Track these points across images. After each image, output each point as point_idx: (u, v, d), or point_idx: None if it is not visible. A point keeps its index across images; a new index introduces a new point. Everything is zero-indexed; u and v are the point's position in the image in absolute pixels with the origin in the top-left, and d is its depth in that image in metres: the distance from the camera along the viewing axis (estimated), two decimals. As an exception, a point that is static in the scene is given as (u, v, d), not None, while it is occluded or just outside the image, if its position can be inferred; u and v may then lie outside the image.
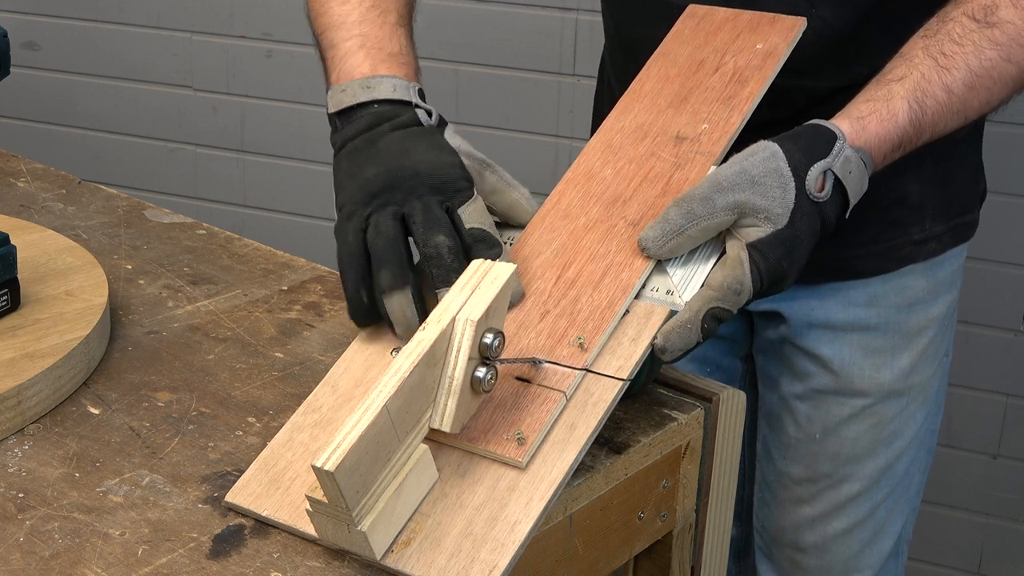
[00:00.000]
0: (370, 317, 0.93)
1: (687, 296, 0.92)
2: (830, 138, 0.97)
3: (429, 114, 1.01)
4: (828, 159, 0.96)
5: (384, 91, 1.01)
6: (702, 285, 0.92)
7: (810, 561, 1.44)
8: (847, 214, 1.00)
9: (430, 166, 0.94)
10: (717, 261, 0.94)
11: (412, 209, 0.92)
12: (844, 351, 1.33)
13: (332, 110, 1.02)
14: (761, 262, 0.92)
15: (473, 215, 0.94)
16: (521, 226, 1.00)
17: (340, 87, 1.02)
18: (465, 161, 0.97)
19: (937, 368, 1.39)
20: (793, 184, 0.94)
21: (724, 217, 0.92)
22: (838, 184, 0.96)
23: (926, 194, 1.30)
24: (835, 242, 1.26)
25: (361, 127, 1.00)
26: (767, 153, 0.95)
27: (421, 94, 1.03)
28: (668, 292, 0.93)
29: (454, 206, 0.93)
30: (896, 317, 1.33)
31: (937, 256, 1.33)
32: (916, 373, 1.35)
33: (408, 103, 1.01)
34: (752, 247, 0.92)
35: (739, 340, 1.44)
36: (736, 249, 0.92)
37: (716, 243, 0.95)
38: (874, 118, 1.01)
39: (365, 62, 1.04)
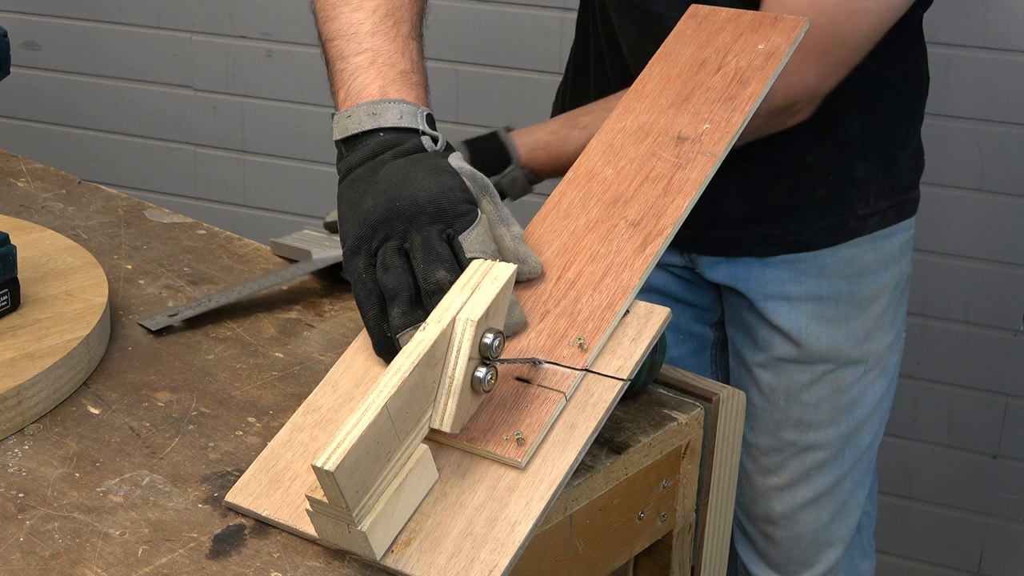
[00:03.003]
0: (395, 351, 0.91)
1: None
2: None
3: (435, 140, 0.98)
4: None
5: (390, 118, 0.98)
6: None
7: (780, 532, 1.49)
8: None
9: (429, 193, 0.92)
10: None
11: (412, 244, 0.91)
12: (800, 320, 1.41)
13: (337, 137, 0.99)
14: None
15: (475, 243, 0.92)
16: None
17: (346, 113, 0.99)
18: (467, 183, 0.95)
19: (894, 340, 1.47)
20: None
21: None
22: None
23: (870, 174, 1.39)
24: (789, 218, 1.39)
25: (365, 155, 0.97)
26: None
27: (430, 119, 1.00)
28: None
29: (455, 233, 0.92)
30: (847, 287, 1.41)
31: (882, 229, 1.42)
32: (871, 341, 1.44)
33: (415, 130, 0.98)
34: None
35: (708, 308, 1.52)
36: None
37: None
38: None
39: (375, 82, 1.00)
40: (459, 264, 0.90)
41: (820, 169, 1.38)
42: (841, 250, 1.40)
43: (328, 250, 1.15)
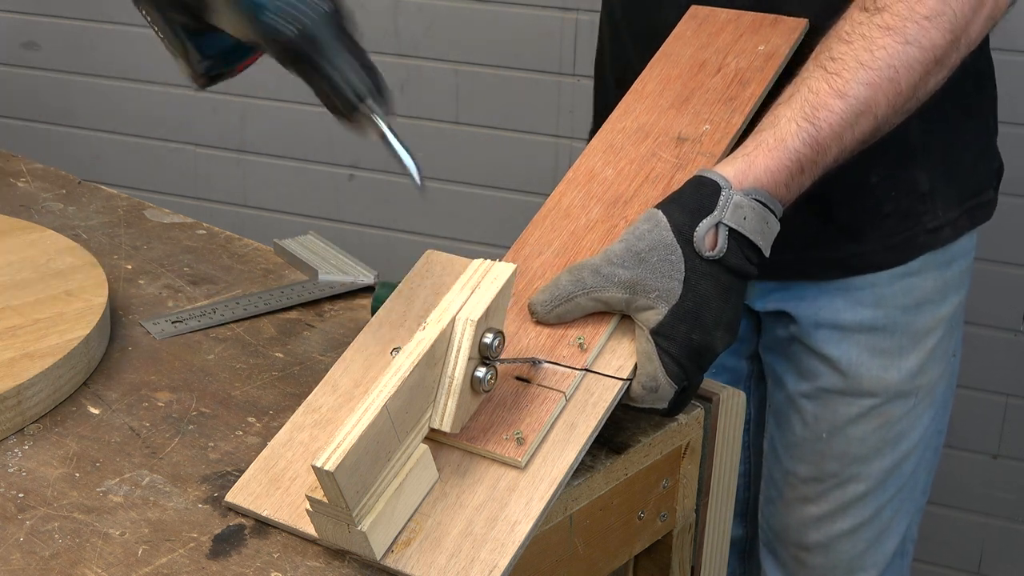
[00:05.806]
0: None
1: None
2: (714, 190, 0.92)
3: None
4: (715, 213, 0.91)
5: None
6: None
7: (814, 559, 1.44)
8: (766, 255, 0.95)
9: None
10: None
11: None
12: (851, 351, 1.33)
13: None
14: (669, 347, 0.88)
15: None
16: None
17: None
18: None
19: (945, 368, 1.38)
20: (680, 251, 0.90)
21: (616, 293, 0.89)
22: (735, 234, 0.91)
23: (935, 181, 1.29)
24: (851, 240, 1.28)
25: None
26: (650, 224, 0.91)
27: None
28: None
29: None
30: (903, 318, 1.32)
31: (951, 243, 1.32)
32: (923, 374, 1.35)
33: None
34: (655, 334, 0.88)
35: (745, 340, 1.43)
36: (642, 342, 0.89)
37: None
38: (761, 151, 0.94)
39: None
40: None
41: (883, 186, 1.27)
42: (901, 279, 1.31)
43: (336, 270, 1.15)
